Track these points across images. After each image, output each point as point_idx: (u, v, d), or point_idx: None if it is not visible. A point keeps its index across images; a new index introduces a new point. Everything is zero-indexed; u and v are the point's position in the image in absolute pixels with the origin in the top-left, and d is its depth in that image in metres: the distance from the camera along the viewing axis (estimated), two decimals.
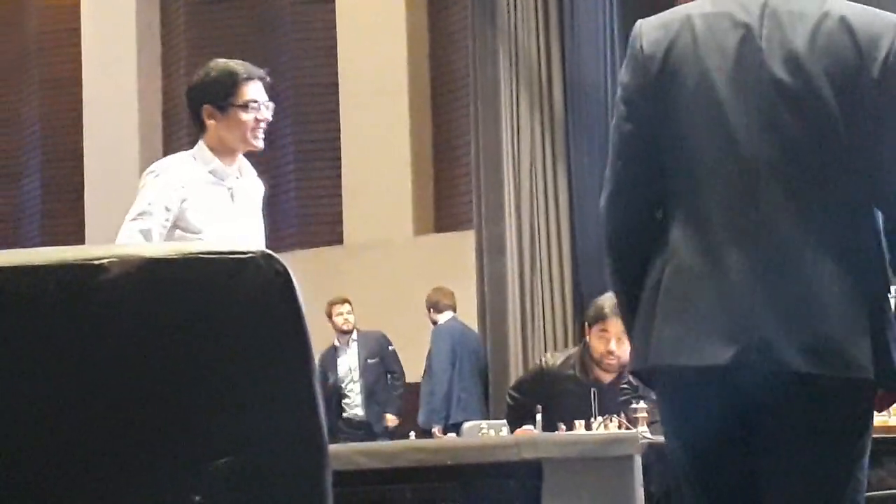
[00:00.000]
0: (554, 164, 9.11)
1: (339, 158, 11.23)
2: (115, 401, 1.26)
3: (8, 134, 12.96)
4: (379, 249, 10.64)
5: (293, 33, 11.67)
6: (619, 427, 4.47)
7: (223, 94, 4.24)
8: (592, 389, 5.48)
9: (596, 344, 5.55)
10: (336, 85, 11.30)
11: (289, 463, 1.29)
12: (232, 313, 1.27)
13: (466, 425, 5.76)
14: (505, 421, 5.62)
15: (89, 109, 12.25)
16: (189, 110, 4.33)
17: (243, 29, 11.88)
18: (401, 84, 11.02)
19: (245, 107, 4.23)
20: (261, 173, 11.50)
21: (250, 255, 1.27)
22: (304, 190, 11.46)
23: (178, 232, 4.04)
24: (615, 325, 5.47)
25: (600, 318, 5.60)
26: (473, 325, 9.39)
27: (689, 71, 2.32)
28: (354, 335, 9.76)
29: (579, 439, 2.68)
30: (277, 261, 1.28)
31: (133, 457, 1.26)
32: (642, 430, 3.56)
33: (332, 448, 2.22)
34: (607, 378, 5.55)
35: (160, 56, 12.23)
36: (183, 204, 4.05)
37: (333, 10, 11.33)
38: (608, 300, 5.74)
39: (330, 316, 9.58)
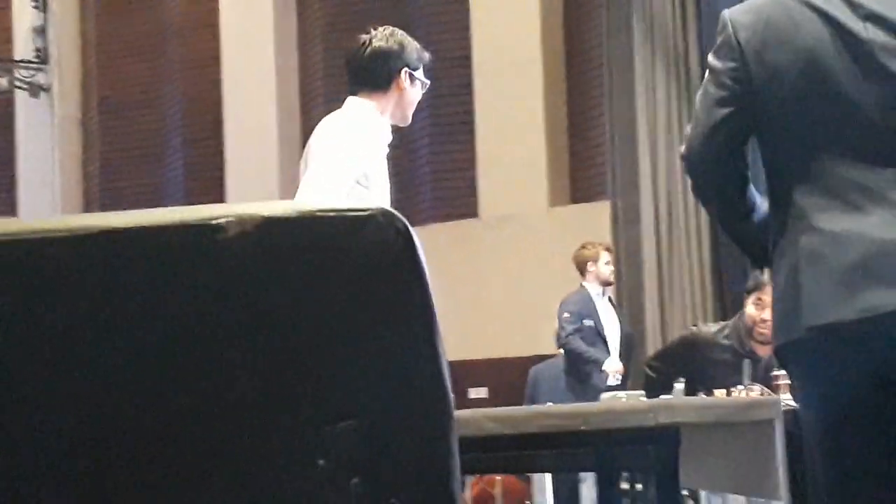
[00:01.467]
0: None
1: (473, 131, 11.21)
2: (234, 364, 1.23)
3: (150, 114, 13.17)
4: (514, 221, 10.61)
5: (427, 6, 11.66)
6: (761, 395, 4.39)
7: (416, 66, 4.43)
8: (746, 360, 5.46)
9: (750, 311, 5.62)
10: (469, 58, 11.27)
11: (413, 428, 1.25)
12: (352, 273, 1.24)
13: (604, 395, 5.72)
14: (643, 391, 5.57)
15: (229, 88, 12.40)
16: (372, 68, 4.40)
17: (378, 3, 11.91)
18: (534, 55, 10.95)
19: (423, 85, 4.47)
20: (396, 147, 11.58)
21: (370, 212, 1.24)
22: (439, 163, 11.46)
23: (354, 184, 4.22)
24: (769, 292, 5.45)
25: (757, 286, 5.68)
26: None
27: (788, 48, 2.32)
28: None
29: (717, 403, 2.62)
30: (398, 218, 1.24)
31: (254, 421, 1.24)
32: (785, 396, 3.47)
33: (460, 413, 2.20)
34: (763, 351, 5.54)
35: (296, 33, 12.31)
36: (365, 163, 4.22)
37: None
38: (766, 272, 5.78)
39: (595, 261, 8.38)
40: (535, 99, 10.89)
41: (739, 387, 4.44)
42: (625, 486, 6.09)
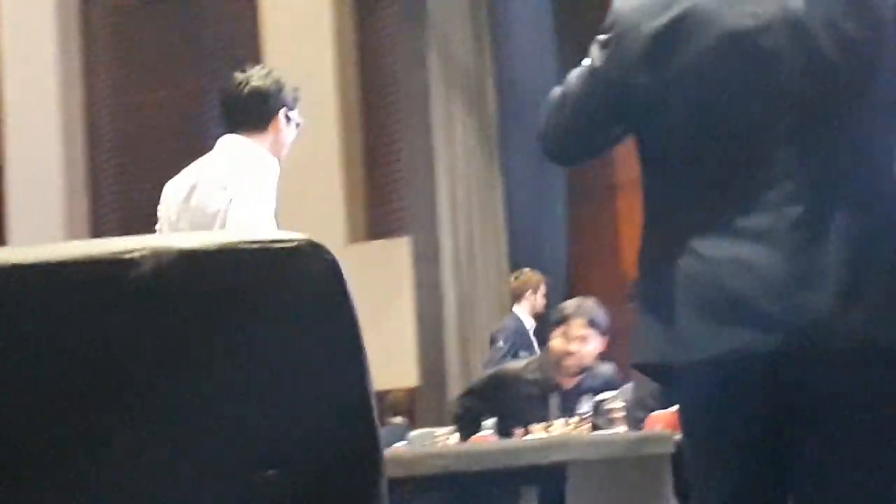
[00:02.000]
0: (489, 165, 9.03)
1: None
2: (150, 407, 1.14)
3: None
4: None
5: (218, 41, 11.51)
6: (566, 426, 4.39)
7: (292, 106, 4.48)
8: (553, 393, 5.48)
9: (556, 344, 5.60)
10: None
11: (342, 474, 1.17)
12: (278, 308, 1.15)
13: (413, 434, 5.65)
14: (452, 428, 5.54)
15: (11, 115, 11.95)
16: (251, 108, 4.45)
17: (167, 45, 11.70)
18: (329, 89, 10.89)
19: (297, 126, 4.56)
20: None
21: (296, 243, 1.16)
22: None
23: None
24: (576, 327, 5.56)
25: (562, 319, 5.70)
26: (411, 334, 9.26)
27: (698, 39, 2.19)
28: None
29: (609, 440, 2.57)
30: (325, 249, 1.17)
31: (171, 469, 1.14)
32: (621, 429, 3.48)
33: None
34: (568, 383, 5.56)
35: (82, 64, 11.99)
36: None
37: (257, 17, 11.18)
38: (570, 303, 5.91)
39: (535, 290, 8.21)
40: (330, 133, 10.82)
41: (563, 420, 4.43)
42: None
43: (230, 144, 4.47)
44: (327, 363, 1.16)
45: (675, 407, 3.53)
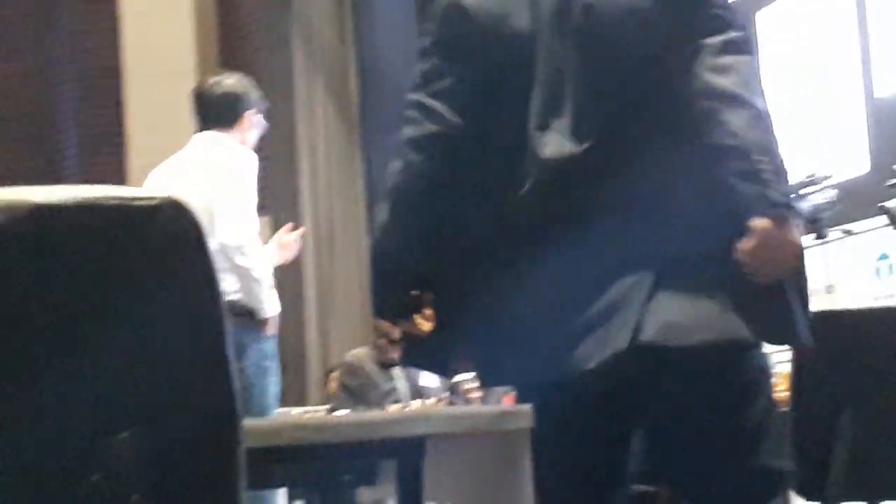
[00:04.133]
0: (350, 149, 9.01)
1: (123, 143, 10.88)
2: (4, 366, 1.09)
3: None
4: None
5: (73, 16, 11.26)
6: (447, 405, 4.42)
7: (260, 107, 4.89)
8: (394, 369, 5.62)
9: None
10: (118, 68, 10.93)
11: (198, 438, 1.14)
12: (138, 266, 1.12)
13: (274, 412, 5.67)
14: (329, 407, 5.63)
15: None
16: (219, 108, 4.87)
17: (20, 18, 11.41)
18: (188, 68, 10.73)
19: (263, 128, 4.95)
20: (41, 160, 10.91)
21: (157, 201, 1.12)
22: (88, 177, 11.06)
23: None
24: None
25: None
26: None
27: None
28: None
29: (468, 413, 2.56)
30: (188, 209, 1.14)
31: (21, 432, 1.10)
32: (476, 407, 3.49)
33: None
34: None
35: None
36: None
37: None
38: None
39: None
40: (188, 114, 10.67)
41: (418, 401, 4.46)
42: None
43: (208, 140, 4.77)
44: (185, 323, 1.13)
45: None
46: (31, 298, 1.09)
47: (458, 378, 4.64)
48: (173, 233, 1.12)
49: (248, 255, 4.62)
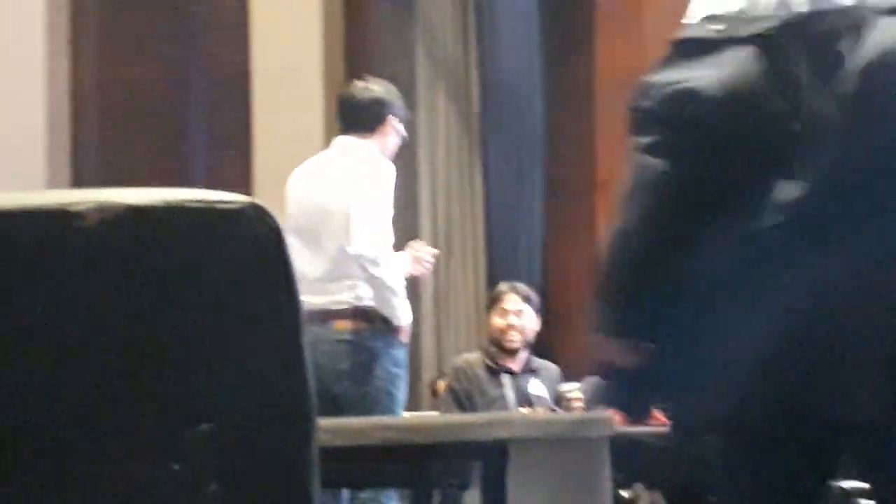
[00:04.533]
0: (470, 156, 9.08)
1: (251, 147, 11.07)
2: (89, 360, 1.16)
3: None
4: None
5: (207, 21, 11.50)
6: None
7: (402, 116, 5.06)
8: (504, 375, 5.69)
9: (495, 322, 5.92)
10: (248, 73, 11.14)
11: (275, 433, 1.20)
12: (219, 267, 1.18)
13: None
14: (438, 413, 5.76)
15: None
16: (365, 113, 4.99)
17: (156, 19, 11.67)
18: (315, 71, 10.90)
19: (403, 139, 5.16)
20: (170, 163, 11.23)
21: (240, 205, 1.18)
22: (215, 179, 11.28)
23: None
24: (510, 302, 5.91)
25: (496, 297, 6.07)
26: None
27: None
28: None
29: (551, 419, 2.61)
30: (269, 214, 1.19)
31: (107, 421, 1.17)
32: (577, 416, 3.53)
33: None
34: (515, 365, 5.79)
35: (68, 35, 11.96)
36: None
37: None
38: (502, 284, 6.32)
39: None
40: (314, 118, 10.83)
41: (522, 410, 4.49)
42: None
43: (348, 145, 4.83)
44: (265, 325, 1.19)
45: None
46: (121, 295, 1.16)
47: (564, 387, 4.66)
48: (254, 236, 1.18)
49: (383, 266, 4.69)
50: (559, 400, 4.64)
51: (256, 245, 1.18)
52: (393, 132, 4.98)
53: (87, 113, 11.76)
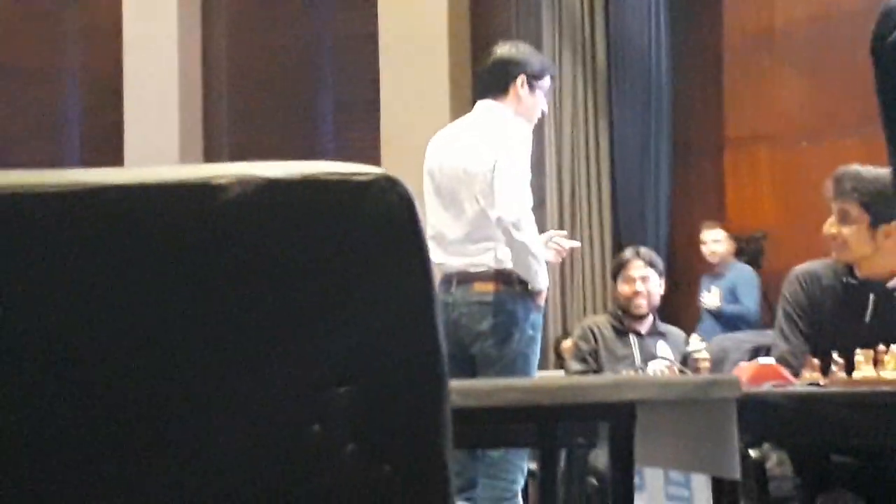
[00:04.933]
0: (596, 118, 9.06)
1: (379, 112, 11.18)
2: (234, 326, 1.22)
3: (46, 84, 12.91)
4: (420, 204, 10.59)
5: None
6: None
7: (538, 73, 5.03)
8: (632, 337, 5.74)
9: (622, 289, 6.01)
10: (375, 37, 11.23)
11: (409, 395, 1.25)
12: (354, 237, 1.23)
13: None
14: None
15: (130, 57, 12.18)
16: (494, 76, 5.02)
17: None
18: (441, 36, 10.95)
19: (546, 92, 5.12)
20: (300, 125, 11.44)
21: (373, 176, 1.23)
22: (343, 144, 11.42)
23: None
24: (635, 268, 5.97)
25: (621, 264, 6.13)
26: None
27: None
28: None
29: (676, 381, 2.63)
30: (400, 184, 1.24)
31: (250, 384, 1.22)
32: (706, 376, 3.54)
33: None
34: (642, 327, 5.85)
35: (200, 4, 12.16)
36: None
37: None
38: (626, 251, 6.39)
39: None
40: (440, 82, 10.89)
41: (650, 365, 4.51)
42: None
43: (485, 109, 5.03)
44: (397, 293, 1.23)
45: (762, 359, 3.56)
46: (261, 265, 1.21)
47: (691, 348, 4.67)
48: (386, 205, 1.22)
49: (524, 230, 4.77)
50: (685, 361, 4.65)
51: (389, 214, 1.22)
52: (528, 92, 5.03)
53: (217, 80, 11.96)
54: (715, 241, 8.18)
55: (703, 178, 8.93)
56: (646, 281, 6.17)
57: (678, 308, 8.10)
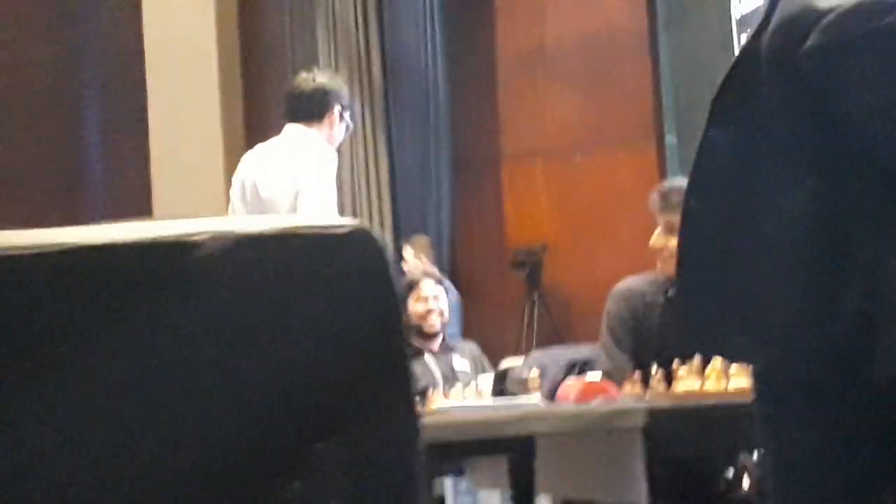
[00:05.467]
0: (374, 134, 9.09)
1: (147, 128, 10.96)
2: (212, 383, 1.19)
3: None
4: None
5: (95, 1, 11.32)
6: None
7: (347, 106, 5.26)
8: (427, 357, 5.75)
9: (414, 309, 6.09)
10: (141, 52, 11.01)
11: (388, 447, 1.24)
12: (330, 291, 1.22)
13: None
14: None
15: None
16: (313, 103, 5.20)
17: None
18: (209, 52, 10.81)
19: (347, 128, 5.33)
20: (64, 146, 11.04)
21: (348, 229, 1.22)
22: (111, 161, 11.16)
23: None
24: (427, 288, 6.01)
25: (412, 285, 6.13)
26: None
27: None
28: None
29: (579, 412, 2.65)
30: (374, 235, 1.24)
31: (230, 439, 1.20)
32: (537, 396, 3.56)
33: None
34: (434, 346, 5.91)
35: None
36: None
37: None
38: (415, 270, 6.35)
39: (427, 256, 8.49)
40: (210, 96, 10.75)
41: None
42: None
43: (298, 133, 5.12)
44: (374, 342, 1.23)
45: (590, 375, 3.65)
46: (238, 321, 1.19)
47: (516, 371, 4.71)
48: (361, 258, 1.22)
49: None
50: (507, 378, 4.71)
51: (364, 266, 1.22)
52: (339, 121, 5.21)
53: None
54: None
55: (483, 193, 9.07)
56: (437, 299, 6.27)
57: (464, 321, 8.21)
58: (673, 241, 4.14)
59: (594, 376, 3.54)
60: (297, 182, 4.98)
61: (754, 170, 2.12)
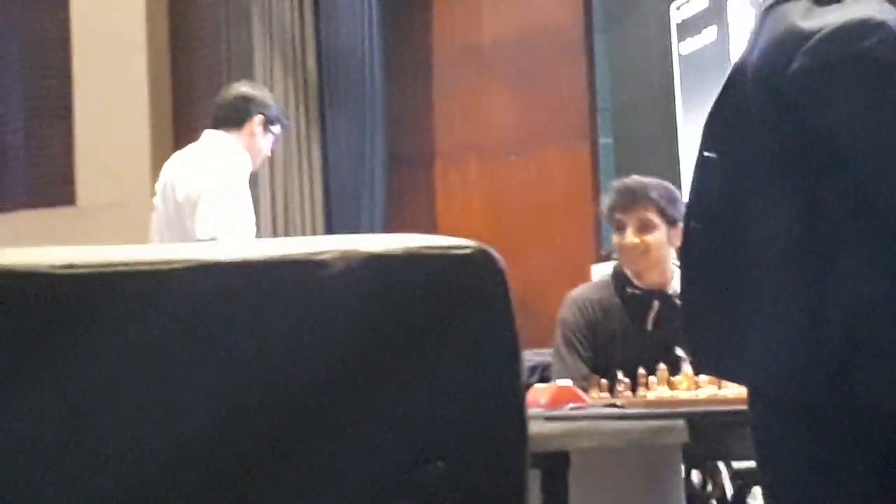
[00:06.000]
0: (308, 129, 9.05)
1: (72, 115, 10.81)
2: (332, 400, 1.19)
3: None
4: (114, 211, 10.31)
5: None
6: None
7: (273, 119, 5.28)
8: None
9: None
10: (68, 39, 10.85)
11: (495, 469, 1.24)
12: (452, 311, 1.22)
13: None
14: None
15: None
16: (232, 110, 5.28)
17: None
18: (138, 42, 10.68)
19: (275, 140, 5.33)
20: None
21: (470, 250, 1.22)
22: (34, 148, 10.98)
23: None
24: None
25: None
26: None
27: None
28: None
29: (619, 428, 2.62)
30: (494, 256, 1.23)
31: (342, 458, 1.19)
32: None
33: None
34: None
35: None
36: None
37: None
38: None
39: None
40: (137, 85, 10.62)
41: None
42: None
43: (214, 139, 5.25)
44: (490, 364, 1.23)
45: (560, 381, 3.66)
46: (362, 340, 1.18)
47: None
48: (482, 279, 1.21)
49: None
50: None
51: (484, 287, 1.22)
52: (263, 132, 5.32)
53: None
54: None
55: (416, 190, 9.07)
56: None
57: None
58: (649, 237, 4.17)
59: (564, 382, 3.56)
60: (200, 187, 5.09)
61: (745, 190, 2.17)
